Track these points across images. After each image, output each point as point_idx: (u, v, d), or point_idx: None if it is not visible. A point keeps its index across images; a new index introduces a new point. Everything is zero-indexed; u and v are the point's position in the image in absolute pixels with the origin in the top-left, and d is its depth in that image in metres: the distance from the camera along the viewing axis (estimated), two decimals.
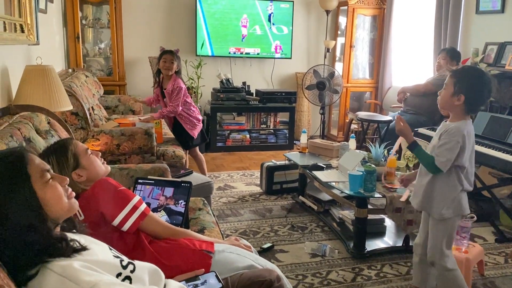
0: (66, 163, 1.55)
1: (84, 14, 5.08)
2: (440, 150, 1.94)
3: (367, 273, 2.60)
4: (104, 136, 3.09)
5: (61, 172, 1.51)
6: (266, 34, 5.60)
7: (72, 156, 1.56)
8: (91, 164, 1.58)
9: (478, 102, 1.97)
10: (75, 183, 1.55)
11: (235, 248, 1.66)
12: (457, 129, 1.93)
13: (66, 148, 1.57)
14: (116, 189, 1.57)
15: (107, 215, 1.52)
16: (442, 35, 4.68)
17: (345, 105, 5.90)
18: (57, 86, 2.41)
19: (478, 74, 1.98)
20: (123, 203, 1.53)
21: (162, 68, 3.63)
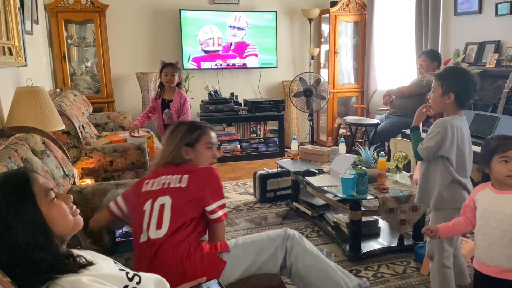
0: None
1: (69, 34, 5.11)
2: (425, 139, 2.05)
3: (364, 274, 2.64)
4: (97, 153, 3.11)
5: None
6: (253, 44, 5.67)
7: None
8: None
9: (467, 96, 2.08)
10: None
11: (243, 238, 1.79)
12: (442, 121, 2.03)
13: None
14: (220, 182, 1.79)
15: (207, 198, 1.71)
16: (423, 38, 4.79)
17: (332, 111, 5.99)
18: (49, 106, 2.43)
19: (461, 71, 2.11)
20: (221, 195, 1.76)
21: (165, 81, 3.69)
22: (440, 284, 2.11)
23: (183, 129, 1.87)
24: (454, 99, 2.02)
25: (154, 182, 1.80)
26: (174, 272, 1.61)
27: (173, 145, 1.84)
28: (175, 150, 1.84)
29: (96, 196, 2.12)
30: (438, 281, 2.12)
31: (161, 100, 3.77)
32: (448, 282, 2.11)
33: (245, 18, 5.60)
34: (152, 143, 3.80)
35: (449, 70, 2.17)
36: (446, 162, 2.06)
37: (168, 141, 1.88)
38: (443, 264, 2.10)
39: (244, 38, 5.64)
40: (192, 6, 5.47)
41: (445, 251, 2.10)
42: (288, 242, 1.74)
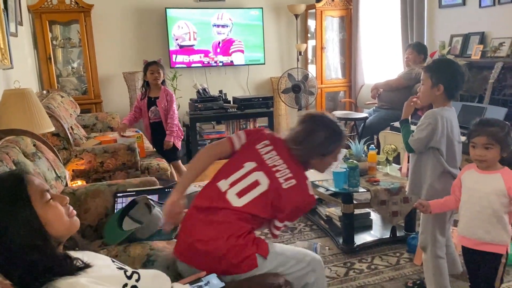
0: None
1: (54, 35, 5.05)
2: (415, 131, 2.08)
3: (358, 266, 2.66)
4: (87, 154, 3.09)
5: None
6: (239, 41, 5.67)
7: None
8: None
9: (456, 88, 2.12)
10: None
11: (280, 247, 1.75)
12: (432, 113, 2.06)
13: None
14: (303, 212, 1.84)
15: (283, 215, 1.70)
16: (408, 31, 4.84)
17: (321, 106, 6.01)
18: (38, 108, 2.41)
19: (449, 62, 2.15)
20: (292, 219, 1.81)
21: (151, 79, 3.68)
22: (434, 274, 2.14)
23: (322, 136, 1.73)
24: (443, 90, 2.05)
25: (269, 152, 1.73)
26: (210, 239, 1.59)
27: (307, 148, 1.73)
28: (306, 154, 1.74)
29: (89, 197, 2.12)
30: (432, 271, 2.15)
31: (146, 98, 3.75)
32: (442, 272, 2.14)
33: (229, 15, 5.58)
34: (142, 142, 3.78)
35: (438, 62, 2.20)
36: (436, 153, 2.09)
37: (302, 136, 1.74)
38: (436, 254, 2.13)
39: (229, 35, 5.63)
40: (178, 4, 5.44)
41: (438, 242, 2.13)
42: (313, 275, 1.72)
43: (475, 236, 1.80)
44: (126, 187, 2.25)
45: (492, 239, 1.77)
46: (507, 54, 3.72)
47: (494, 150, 1.74)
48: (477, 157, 1.77)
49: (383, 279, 2.52)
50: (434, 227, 2.12)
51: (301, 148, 1.73)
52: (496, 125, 1.77)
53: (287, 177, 1.67)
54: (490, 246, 1.78)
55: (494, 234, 1.76)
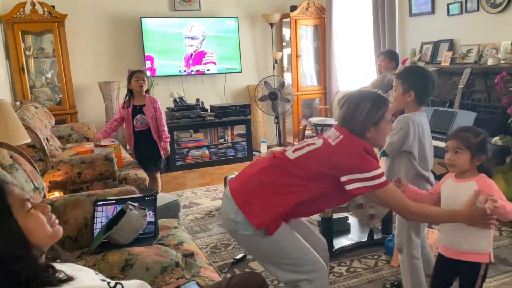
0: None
1: (27, 45, 4.98)
2: (388, 135, 2.15)
3: (338, 270, 2.71)
4: (64, 165, 3.05)
5: None
6: (215, 50, 5.70)
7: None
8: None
9: (427, 94, 2.19)
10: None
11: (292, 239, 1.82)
12: (403, 118, 2.13)
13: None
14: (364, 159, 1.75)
15: (343, 170, 1.73)
16: (380, 38, 4.96)
17: (297, 113, 6.09)
18: (13, 120, 2.39)
19: (419, 69, 2.23)
20: (359, 171, 1.73)
21: (136, 86, 3.65)
22: (411, 275, 2.20)
23: (368, 106, 1.78)
24: (414, 96, 2.12)
25: (330, 130, 1.86)
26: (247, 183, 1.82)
27: (358, 123, 1.78)
28: (361, 128, 1.78)
29: (68, 208, 2.10)
30: (409, 272, 2.20)
31: (131, 107, 3.72)
32: (418, 272, 2.20)
33: (204, 25, 5.61)
34: (120, 152, 3.76)
35: (408, 69, 2.27)
36: (409, 156, 2.16)
37: (350, 114, 1.80)
38: (412, 255, 2.19)
39: (203, 44, 5.65)
40: (153, 14, 5.45)
41: (413, 243, 2.19)
42: (309, 286, 1.78)
43: (455, 246, 1.80)
44: (105, 197, 2.24)
45: (472, 248, 1.76)
46: (474, 60, 3.87)
47: (463, 155, 1.75)
48: (447, 161, 1.81)
49: (362, 281, 2.57)
50: (409, 229, 2.19)
51: (353, 123, 1.79)
52: (470, 131, 1.80)
53: (337, 136, 1.78)
54: (470, 255, 1.77)
55: (474, 243, 1.76)
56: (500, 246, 2.90)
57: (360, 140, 1.77)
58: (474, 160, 1.77)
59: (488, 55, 3.71)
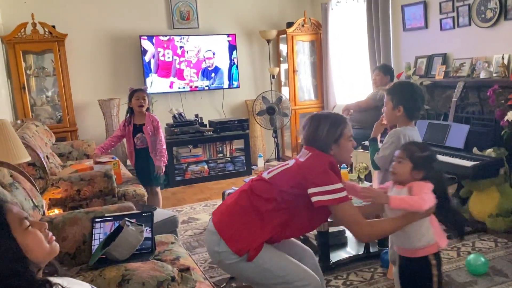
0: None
1: (28, 64, 5.07)
2: (380, 149, 2.20)
3: (334, 283, 2.73)
4: (64, 183, 3.10)
5: None
6: (213, 66, 5.79)
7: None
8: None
9: (416, 108, 2.25)
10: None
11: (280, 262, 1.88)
12: (394, 132, 2.19)
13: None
14: (327, 170, 1.83)
15: (310, 182, 1.80)
16: (375, 53, 5.04)
17: (295, 127, 6.15)
18: (14, 139, 2.44)
19: (408, 85, 2.29)
20: (324, 183, 1.80)
21: (136, 105, 3.71)
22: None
23: (327, 125, 1.91)
24: (403, 111, 2.18)
25: (302, 152, 1.96)
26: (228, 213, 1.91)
27: (320, 142, 1.89)
28: (323, 147, 1.89)
29: (67, 225, 2.14)
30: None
31: (132, 126, 3.78)
32: None
33: (202, 42, 5.71)
34: (119, 169, 3.80)
35: (397, 85, 2.34)
36: None
37: (311, 134, 1.92)
38: None
39: (201, 62, 5.75)
40: (152, 32, 5.55)
41: None
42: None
43: (410, 245, 1.88)
44: (103, 214, 2.28)
45: (423, 244, 1.85)
46: (467, 74, 3.93)
47: (404, 165, 1.85)
48: (391, 169, 1.91)
49: None
50: None
51: (316, 142, 1.90)
52: (418, 146, 1.91)
53: (306, 155, 1.90)
54: (422, 251, 1.86)
55: (424, 240, 1.85)
56: (496, 257, 2.93)
57: (326, 155, 1.89)
58: (413, 172, 1.85)
59: (481, 69, 3.78)
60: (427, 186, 1.82)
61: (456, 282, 2.65)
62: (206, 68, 5.77)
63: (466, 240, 3.23)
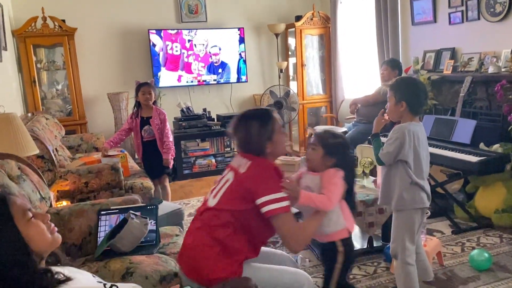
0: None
1: (38, 58, 5.13)
2: (385, 145, 2.20)
3: None
4: (72, 175, 3.15)
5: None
6: (221, 61, 5.81)
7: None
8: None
9: (419, 104, 2.24)
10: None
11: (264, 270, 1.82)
12: (399, 128, 2.18)
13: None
14: (274, 178, 1.75)
15: (257, 191, 1.72)
16: (384, 47, 5.02)
17: (303, 121, 6.15)
18: (22, 132, 2.49)
19: (411, 81, 2.28)
20: (273, 190, 1.72)
21: (143, 99, 3.75)
22: (404, 281, 2.24)
23: (256, 126, 1.82)
24: (406, 107, 2.18)
25: (237, 158, 1.88)
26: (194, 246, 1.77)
27: (254, 144, 1.81)
28: (258, 148, 1.81)
29: (73, 216, 2.18)
30: (403, 278, 2.24)
31: (139, 118, 3.82)
32: (411, 279, 2.23)
33: (210, 36, 5.73)
34: (126, 162, 3.85)
35: (400, 81, 2.33)
36: (405, 165, 2.20)
37: (243, 139, 1.84)
38: (406, 261, 2.23)
39: (211, 55, 5.77)
40: (160, 26, 5.58)
41: (407, 250, 2.23)
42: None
43: (320, 229, 1.91)
44: (109, 206, 2.32)
45: (332, 229, 1.92)
46: (475, 68, 3.90)
47: (316, 152, 1.92)
48: (305, 156, 1.95)
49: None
50: (404, 236, 2.23)
51: (251, 146, 1.83)
52: (331, 133, 1.98)
53: (245, 163, 1.80)
54: (330, 236, 1.93)
55: (332, 225, 1.92)
56: (500, 253, 2.92)
57: (267, 161, 1.81)
58: (325, 158, 1.92)
59: (489, 63, 3.74)
60: (338, 174, 1.89)
61: (459, 277, 2.66)
62: (212, 64, 5.79)
63: (471, 236, 3.23)
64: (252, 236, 1.78)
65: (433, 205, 3.60)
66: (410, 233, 2.24)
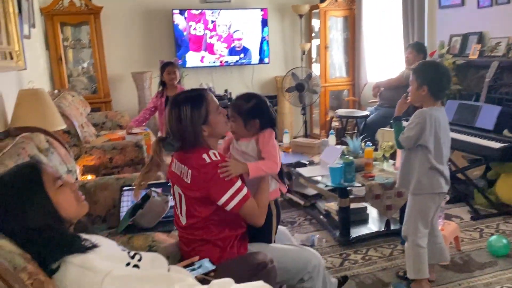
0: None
1: (65, 36, 5.22)
2: (406, 129, 2.20)
3: (353, 257, 2.79)
4: (97, 151, 3.24)
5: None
6: (244, 41, 5.81)
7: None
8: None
9: (441, 88, 2.23)
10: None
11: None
12: (420, 113, 2.18)
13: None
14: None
15: (215, 195, 1.67)
16: (409, 30, 4.93)
17: (325, 104, 6.13)
18: (50, 107, 2.57)
19: (433, 65, 2.26)
20: (228, 186, 1.67)
21: (168, 79, 3.82)
22: (414, 263, 2.26)
23: (188, 111, 1.69)
24: (427, 91, 2.17)
25: (176, 164, 1.78)
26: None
27: (188, 131, 1.69)
28: (193, 135, 1.69)
29: (98, 190, 2.27)
30: (412, 259, 2.27)
31: (164, 98, 3.90)
32: (421, 261, 2.25)
33: (234, 16, 5.72)
34: (149, 140, 3.93)
35: (422, 65, 2.32)
36: (425, 150, 2.21)
37: (175, 125, 1.71)
38: (417, 243, 2.25)
39: (234, 35, 5.77)
40: (184, 6, 5.59)
41: (419, 232, 2.25)
42: (308, 276, 1.84)
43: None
44: (132, 181, 2.39)
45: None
46: (503, 53, 3.81)
47: (238, 122, 1.87)
48: (230, 129, 1.89)
49: (376, 269, 2.64)
50: (417, 219, 2.25)
51: (185, 135, 1.70)
52: (242, 99, 1.90)
53: (186, 173, 1.71)
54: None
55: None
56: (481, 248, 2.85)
57: (204, 161, 1.67)
58: (248, 126, 1.87)
59: None
60: (271, 135, 1.89)
61: (475, 262, 2.67)
62: (234, 48, 5.79)
63: (491, 222, 3.21)
64: (234, 223, 1.78)
65: (453, 191, 3.58)
66: (424, 217, 2.25)
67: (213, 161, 1.67)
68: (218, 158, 1.68)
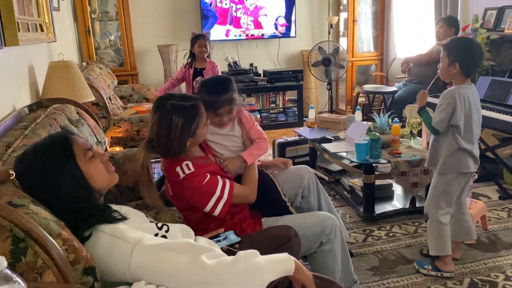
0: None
1: (92, 8, 5.25)
2: (436, 113, 2.15)
3: (377, 233, 2.79)
4: (125, 123, 3.30)
5: None
6: (270, 14, 5.73)
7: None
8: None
9: (473, 66, 2.17)
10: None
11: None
12: (449, 92, 2.12)
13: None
14: (201, 185, 1.68)
15: (199, 205, 1.73)
16: (442, 4, 4.77)
17: (351, 79, 6.03)
18: (79, 79, 2.61)
19: (466, 41, 2.19)
20: (209, 196, 1.70)
21: (198, 52, 3.85)
22: (436, 240, 2.25)
23: (180, 121, 1.63)
24: (459, 68, 2.11)
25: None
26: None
27: (175, 143, 1.65)
28: (179, 147, 1.67)
29: (127, 161, 2.30)
30: (434, 236, 2.26)
31: (193, 69, 3.91)
32: (443, 237, 2.24)
33: None
34: None
35: (454, 41, 2.24)
36: (454, 130, 2.16)
37: (165, 136, 1.65)
38: (438, 220, 2.23)
39: (259, 10, 5.69)
40: None
41: (441, 209, 2.23)
42: (326, 239, 1.86)
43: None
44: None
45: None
46: None
47: (231, 115, 1.90)
48: (221, 122, 1.90)
49: (400, 246, 2.64)
50: (439, 197, 2.23)
51: (170, 146, 1.66)
52: (224, 90, 1.85)
53: (168, 185, 1.80)
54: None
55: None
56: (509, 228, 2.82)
57: (178, 173, 1.68)
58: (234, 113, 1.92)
59: None
60: (245, 112, 1.97)
61: (502, 241, 2.63)
62: (260, 21, 5.71)
63: None
64: (230, 213, 1.80)
65: (482, 170, 3.51)
66: (447, 195, 2.23)
67: (186, 175, 1.67)
68: (191, 170, 1.68)
